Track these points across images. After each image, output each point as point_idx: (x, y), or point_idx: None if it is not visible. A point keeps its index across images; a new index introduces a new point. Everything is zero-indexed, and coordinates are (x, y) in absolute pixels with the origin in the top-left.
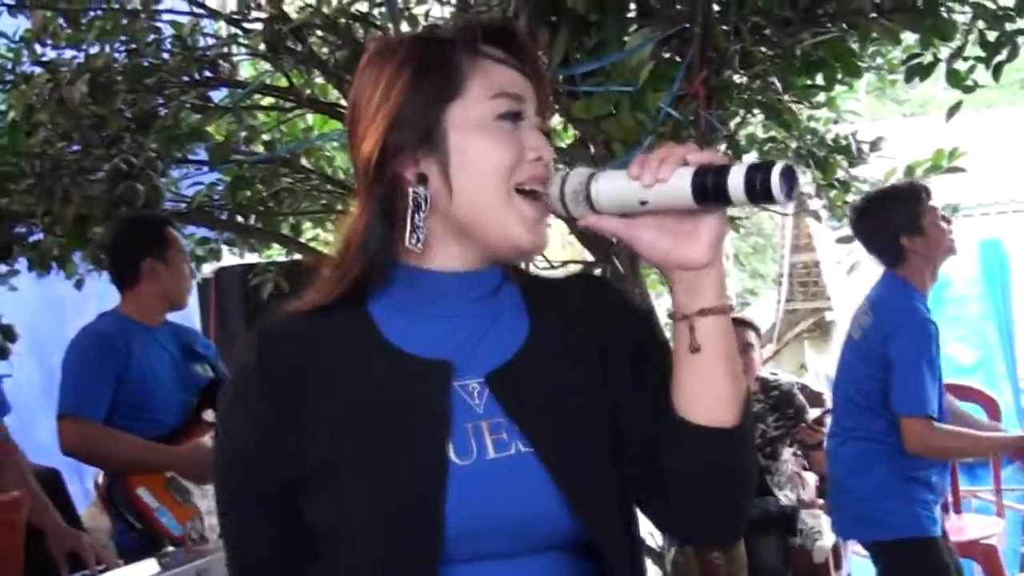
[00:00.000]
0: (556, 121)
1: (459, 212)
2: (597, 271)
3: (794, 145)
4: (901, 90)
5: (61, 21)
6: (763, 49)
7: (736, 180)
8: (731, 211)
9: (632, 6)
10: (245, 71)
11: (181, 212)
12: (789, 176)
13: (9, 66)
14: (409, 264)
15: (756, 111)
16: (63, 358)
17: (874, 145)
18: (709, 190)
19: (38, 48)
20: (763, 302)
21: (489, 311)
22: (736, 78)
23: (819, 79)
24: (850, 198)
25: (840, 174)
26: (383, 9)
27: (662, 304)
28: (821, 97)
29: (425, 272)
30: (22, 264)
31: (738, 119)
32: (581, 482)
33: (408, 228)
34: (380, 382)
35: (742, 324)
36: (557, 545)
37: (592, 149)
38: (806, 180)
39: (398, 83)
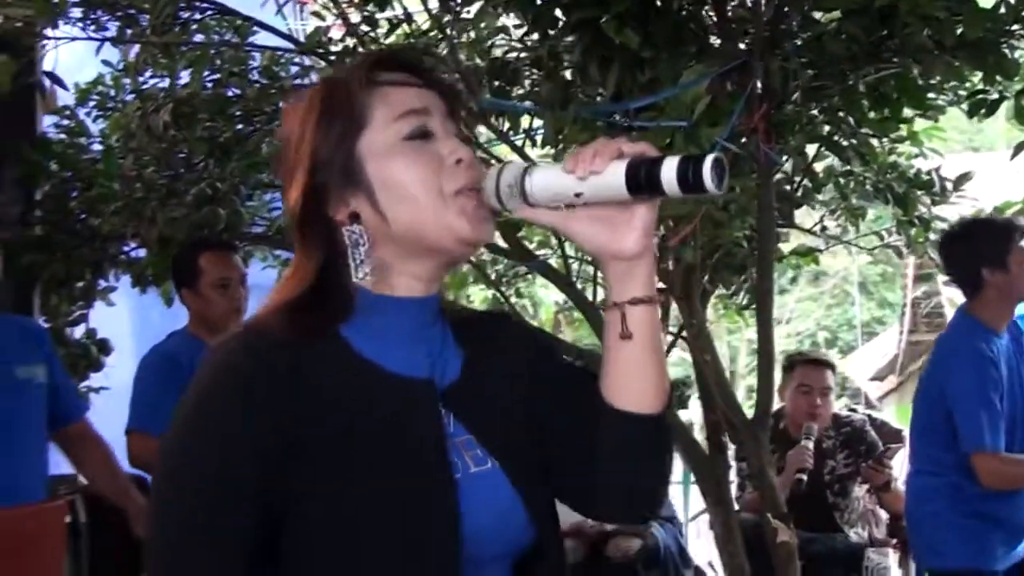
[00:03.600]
0: None
1: (400, 232)
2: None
3: (873, 178)
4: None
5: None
6: (829, 84)
7: (669, 172)
8: (860, 241)
9: (691, 40)
10: None
11: (266, 236)
12: (719, 168)
13: (112, 94)
14: (371, 291)
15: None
16: (134, 376)
17: (958, 183)
18: (642, 182)
19: (139, 78)
20: (890, 332)
21: (436, 336)
22: (804, 111)
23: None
24: (933, 236)
25: (922, 211)
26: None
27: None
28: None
29: (387, 299)
30: (125, 282)
31: (813, 152)
32: (535, 494)
33: (353, 266)
34: (371, 399)
35: (823, 365)
36: (512, 553)
37: None
38: (887, 216)
39: (307, 130)
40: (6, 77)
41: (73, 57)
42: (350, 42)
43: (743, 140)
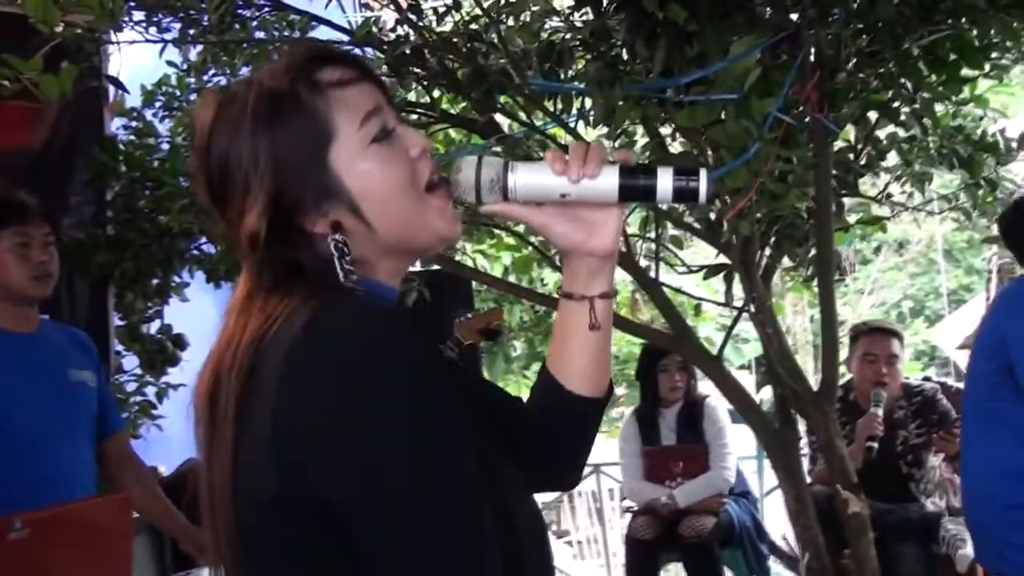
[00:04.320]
0: (666, 132)
1: (386, 236)
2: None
3: (937, 142)
4: None
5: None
6: (883, 50)
7: (665, 184)
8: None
9: (737, 12)
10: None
11: None
12: (710, 180)
13: (177, 94)
14: (371, 279)
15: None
16: None
17: (1022, 142)
18: (638, 191)
19: (202, 77)
20: (978, 299)
21: None
22: (861, 77)
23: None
24: (1001, 196)
25: (988, 172)
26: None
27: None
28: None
29: (385, 287)
30: (200, 277)
31: (875, 119)
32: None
33: (342, 276)
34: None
35: (890, 333)
36: None
37: (710, 156)
38: (953, 179)
39: (264, 150)
40: (68, 83)
41: (153, 58)
42: (402, 31)
43: (799, 109)
